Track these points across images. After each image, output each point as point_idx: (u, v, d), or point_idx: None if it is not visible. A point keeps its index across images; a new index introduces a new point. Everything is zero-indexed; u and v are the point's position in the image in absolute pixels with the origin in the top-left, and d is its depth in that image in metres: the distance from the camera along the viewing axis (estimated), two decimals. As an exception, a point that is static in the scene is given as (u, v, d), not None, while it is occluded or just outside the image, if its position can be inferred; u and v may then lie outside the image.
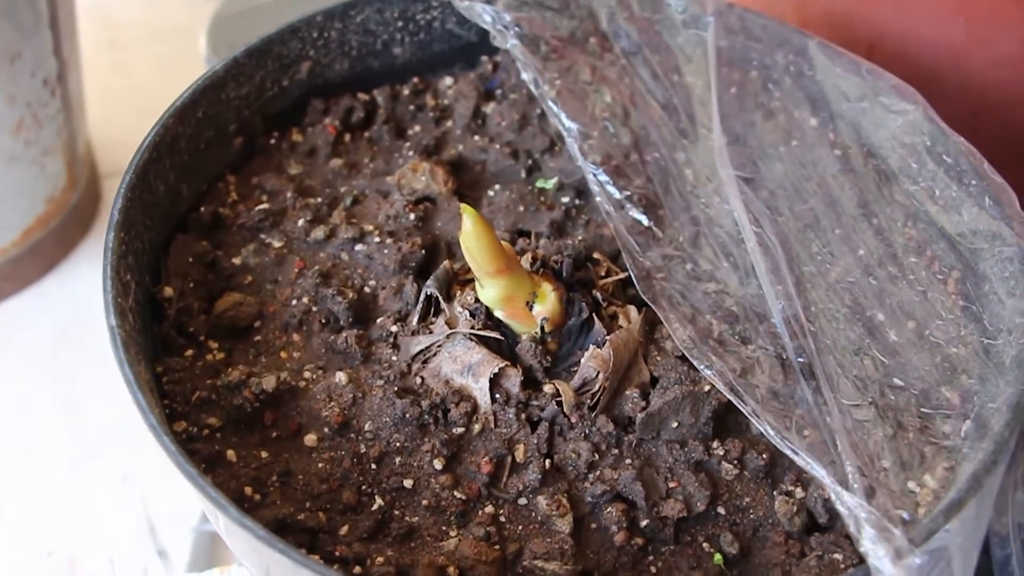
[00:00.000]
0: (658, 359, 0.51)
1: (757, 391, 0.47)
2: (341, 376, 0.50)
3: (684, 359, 0.51)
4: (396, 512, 0.47)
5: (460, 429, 0.48)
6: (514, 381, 0.49)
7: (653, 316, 0.52)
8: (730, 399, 0.47)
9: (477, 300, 0.50)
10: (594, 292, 0.52)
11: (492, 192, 0.59)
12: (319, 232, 0.56)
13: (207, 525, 0.71)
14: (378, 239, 0.55)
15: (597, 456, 0.48)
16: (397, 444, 0.48)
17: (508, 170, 0.60)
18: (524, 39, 0.59)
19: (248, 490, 0.46)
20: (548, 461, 0.48)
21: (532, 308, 0.50)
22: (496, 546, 0.46)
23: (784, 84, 0.62)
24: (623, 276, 0.54)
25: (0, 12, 0.72)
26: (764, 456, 0.49)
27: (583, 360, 0.49)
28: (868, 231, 0.56)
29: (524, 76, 0.58)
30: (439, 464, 0.48)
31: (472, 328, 0.50)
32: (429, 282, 0.52)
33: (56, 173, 0.85)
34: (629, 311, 0.52)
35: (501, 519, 0.47)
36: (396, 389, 0.49)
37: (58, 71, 0.81)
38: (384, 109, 0.63)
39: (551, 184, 0.59)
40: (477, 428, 0.49)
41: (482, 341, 0.50)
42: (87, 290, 0.89)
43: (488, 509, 0.47)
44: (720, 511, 0.48)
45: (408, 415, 0.48)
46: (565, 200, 0.59)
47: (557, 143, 0.61)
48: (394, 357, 0.51)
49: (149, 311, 0.52)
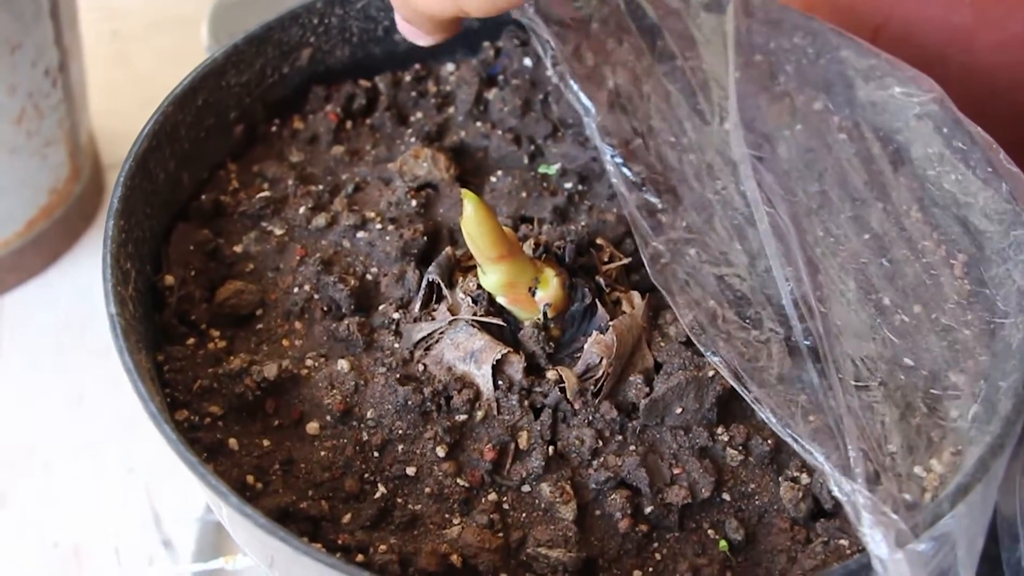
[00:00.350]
0: (662, 345, 0.50)
1: (763, 376, 0.47)
2: (343, 364, 0.50)
3: (688, 345, 0.50)
4: (399, 500, 0.47)
5: (463, 416, 0.48)
6: (517, 368, 0.49)
7: (657, 302, 0.52)
8: (733, 386, 0.46)
9: (479, 286, 0.50)
10: (597, 278, 0.52)
11: (494, 178, 0.59)
12: (320, 219, 0.55)
13: (212, 515, 0.71)
14: (380, 226, 0.55)
15: (601, 443, 0.48)
16: (399, 432, 0.48)
17: (510, 156, 0.60)
18: (542, 17, 0.58)
19: (250, 479, 0.46)
20: (551, 448, 0.48)
21: (535, 294, 0.49)
22: (499, 533, 0.45)
23: (797, 68, 0.61)
24: (626, 262, 0.53)
25: (0, 2, 0.72)
26: (769, 442, 0.48)
27: (586, 346, 0.49)
28: (878, 214, 0.55)
29: (541, 54, 0.57)
30: (442, 451, 0.47)
31: (474, 314, 0.49)
32: (431, 269, 0.51)
33: (59, 164, 0.85)
34: (633, 297, 0.52)
35: (504, 506, 0.47)
36: (398, 376, 0.49)
37: (59, 61, 0.80)
38: (386, 96, 0.63)
39: (554, 170, 0.59)
40: (480, 415, 0.48)
41: (484, 327, 0.49)
42: (91, 281, 0.88)
43: (491, 496, 0.47)
44: (725, 497, 0.48)
45: (410, 402, 0.48)
46: (568, 186, 0.58)
47: (560, 129, 0.61)
48: (396, 344, 0.51)
49: (150, 300, 0.51)
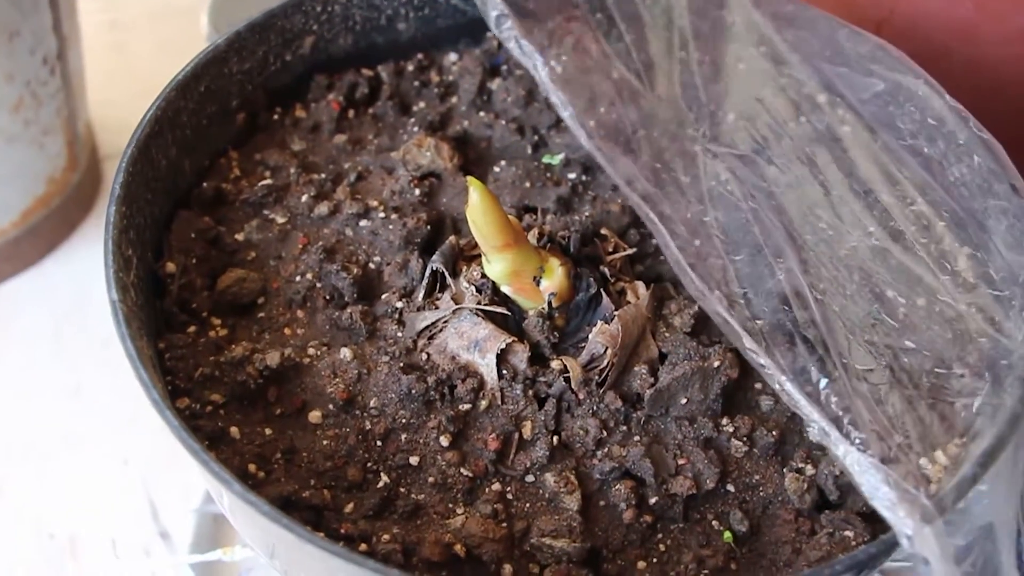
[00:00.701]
0: (666, 335, 0.50)
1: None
2: (346, 352, 0.50)
3: (693, 335, 0.50)
4: (402, 489, 0.46)
5: (466, 405, 0.48)
6: (521, 357, 0.48)
7: (661, 292, 0.52)
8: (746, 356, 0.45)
9: (484, 275, 0.50)
10: (601, 268, 0.51)
11: (498, 168, 0.59)
12: (323, 208, 0.55)
13: (209, 507, 0.70)
14: (383, 215, 0.55)
15: (605, 433, 0.48)
16: (403, 421, 0.48)
17: (514, 146, 0.60)
18: (523, 16, 0.58)
19: (252, 467, 0.46)
20: (556, 438, 0.48)
21: (539, 283, 0.49)
22: (503, 523, 0.45)
23: (794, 60, 0.61)
24: (631, 252, 0.53)
25: (-2, -11, 0.72)
26: (774, 433, 0.48)
27: (591, 336, 0.49)
28: (878, 206, 0.55)
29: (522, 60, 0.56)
30: (445, 441, 0.47)
31: (479, 303, 0.49)
32: (435, 257, 0.51)
33: (56, 153, 0.85)
34: (637, 287, 0.51)
35: (508, 496, 0.47)
36: (402, 365, 0.49)
37: (58, 49, 0.80)
38: (388, 85, 0.62)
39: (557, 160, 0.59)
40: (484, 404, 0.48)
41: (489, 317, 0.49)
42: (88, 272, 0.88)
43: (495, 486, 0.47)
44: (729, 488, 0.48)
45: (414, 391, 0.47)
46: (572, 176, 0.58)
47: (563, 119, 0.61)
48: (399, 333, 0.50)
49: (151, 287, 0.51)
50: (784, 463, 0.48)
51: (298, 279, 0.53)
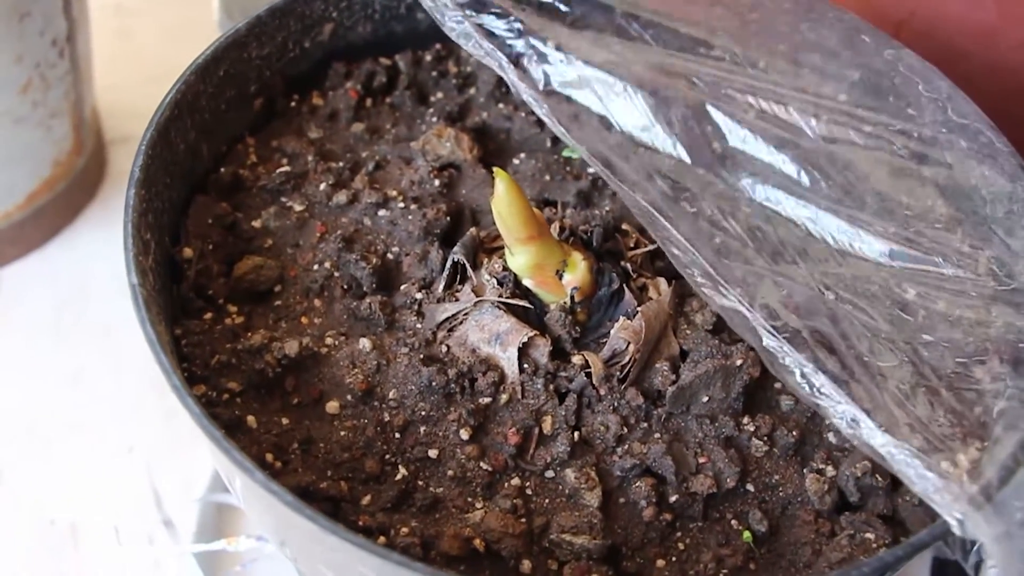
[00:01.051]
0: (688, 332, 0.50)
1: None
2: (365, 343, 0.49)
3: (715, 332, 0.50)
4: (420, 482, 0.46)
5: (487, 399, 0.47)
6: (543, 351, 0.48)
7: (683, 289, 0.51)
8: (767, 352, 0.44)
9: (505, 268, 0.49)
10: (623, 263, 0.51)
11: (517, 160, 0.58)
12: (341, 196, 0.54)
13: (214, 496, 0.69)
14: (402, 205, 0.54)
15: (626, 429, 0.47)
16: (422, 413, 0.47)
17: (533, 138, 0.59)
18: (528, 34, 0.56)
19: (269, 457, 0.45)
20: (576, 433, 0.47)
21: (562, 277, 0.49)
22: (523, 519, 0.45)
23: (815, 58, 0.60)
24: (652, 248, 0.53)
25: (10, -31, 0.71)
26: (795, 433, 0.48)
27: (613, 331, 0.48)
28: (899, 208, 0.55)
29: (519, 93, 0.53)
30: (465, 434, 0.46)
31: (500, 296, 0.49)
32: (456, 248, 0.51)
33: (63, 136, 0.84)
34: (659, 283, 0.51)
35: (528, 491, 0.46)
36: (421, 357, 0.48)
37: (67, 31, 0.79)
38: (406, 75, 0.62)
39: (577, 153, 0.58)
40: (504, 398, 0.47)
41: (510, 310, 0.49)
42: (91, 257, 0.87)
43: (515, 481, 0.46)
44: (749, 488, 0.47)
45: (434, 383, 0.47)
46: (591, 170, 0.58)
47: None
48: (419, 324, 0.50)
49: (168, 272, 0.50)
50: (804, 463, 0.48)
51: (316, 268, 0.52)
